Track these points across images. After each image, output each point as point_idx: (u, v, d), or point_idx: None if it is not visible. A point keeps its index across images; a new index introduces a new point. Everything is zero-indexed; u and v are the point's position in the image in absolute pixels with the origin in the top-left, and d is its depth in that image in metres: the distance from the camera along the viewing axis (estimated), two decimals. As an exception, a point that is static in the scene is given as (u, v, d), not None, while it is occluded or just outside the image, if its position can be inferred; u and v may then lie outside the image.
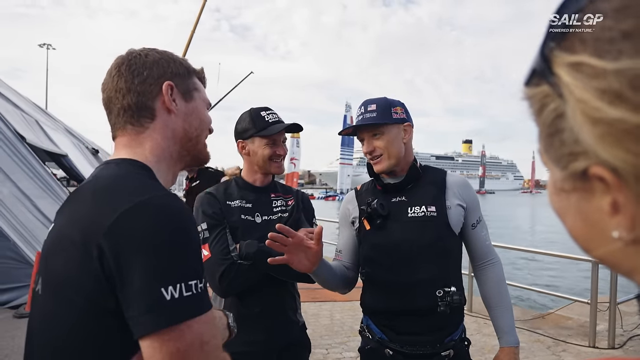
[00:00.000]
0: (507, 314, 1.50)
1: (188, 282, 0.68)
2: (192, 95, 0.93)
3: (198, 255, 0.74)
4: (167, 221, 0.71)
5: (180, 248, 0.70)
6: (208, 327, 0.70)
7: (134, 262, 0.67)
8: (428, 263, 1.44)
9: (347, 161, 54.31)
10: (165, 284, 0.66)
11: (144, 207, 0.71)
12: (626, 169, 0.30)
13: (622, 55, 0.30)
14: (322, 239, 1.34)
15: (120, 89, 0.86)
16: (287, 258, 1.31)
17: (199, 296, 0.69)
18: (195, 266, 0.71)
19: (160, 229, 0.69)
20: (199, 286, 0.70)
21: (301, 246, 1.31)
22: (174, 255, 0.69)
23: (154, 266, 0.67)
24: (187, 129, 0.91)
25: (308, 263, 1.34)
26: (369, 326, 1.55)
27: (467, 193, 1.54)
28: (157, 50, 0.91)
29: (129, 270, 0.67)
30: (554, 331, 4.63)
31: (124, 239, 0.68)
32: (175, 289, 0.67)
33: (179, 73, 0.90)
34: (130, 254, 0.67)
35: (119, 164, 0.84)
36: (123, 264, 0.67)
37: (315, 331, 4.44)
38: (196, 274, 0.70)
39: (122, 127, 0.88)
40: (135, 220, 0.69)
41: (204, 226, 1.58)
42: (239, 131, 1.71)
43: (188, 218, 0.74)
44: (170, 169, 0.91)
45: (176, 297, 0.66)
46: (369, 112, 1.50)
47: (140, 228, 0.69)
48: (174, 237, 0.70)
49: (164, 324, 0.65)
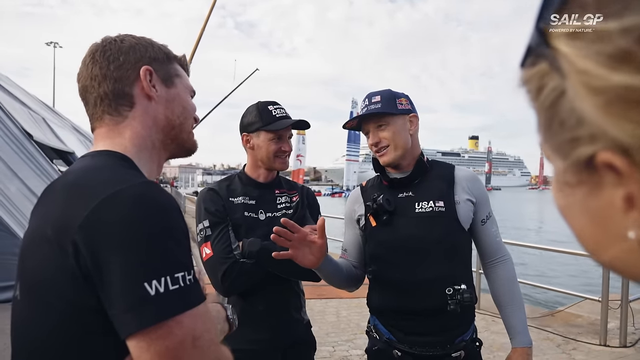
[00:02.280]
0: (520, 313, 1.46)
1: (174, 275, 0.64)
2: (173, 81, 0.88)
3: (183, 245, 0.68)
4: (145, 210, 0.66)
5: (162, 238, 0.66)
6: (200, 322, 0.66)
7: (113, 257, 0.63)
8: (437, 260, 1.40)
9: (354, 158, 54.19)
10: (149, 278, 0.62)
11: (119, 197, 0.66)
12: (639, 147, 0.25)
13: (626, 11, 0.25)
14: (325, 232, 1.31)
15: (95, 77, 0.81)
16: (291, 253, 1.28)
17: (188, 289, 0.65)
18: (180, 257, 0.67)
19: (139, 219, 0.65)
20: (187, 278, 0.65)
21: (305, 241, 1.29)
22: (156, 247, 0.65)
23: (134, 260, 0.63)
24: (169, 116, 0.86)
25: (313, 258, 1.31)
26: (376, 326, 1.51)
27: (476, 187, 1.49)
28: (134, 36, 0.87)
29: (108, 266, 0.63)
30: (564, 329, 4.57)
31: (99, 233, 0.64)
32: (160, 283, 0.62)
33: (157, 58, 0.86)
34: (107, 249, 0.63)
35: (94, 156, 0.80)
36: (101, 260, 0.63)
37: (321, 329, 4.41)
38: (182, 266, 0.66)
39: (100, 118, 0.83)
40: (111, 211, 0.65)
41: (206, 224, 1.55)
42: (245, 124, 1.67)
43: (169, 205, 0.69)
44: (153, 159, 0.86)
45: (161, 291, 0.62)
46: (373, 104, 1.47)
47: (116, 219, 0.64)
48: (154, 227, 0.66)
49: (149, 321, 0.61)
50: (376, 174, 1.59)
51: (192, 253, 0.73)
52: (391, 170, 1.54)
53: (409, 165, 1.51)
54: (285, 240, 1.26)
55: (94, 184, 0.69)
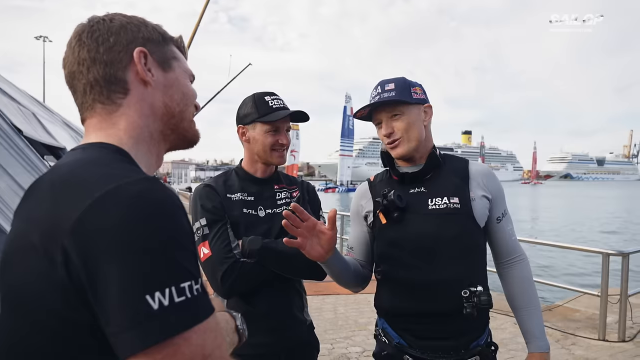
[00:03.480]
0: (537, 316, 1.39)
1: (180, 285, 0.56)
2: (171, 64, 0.79)
3: (190, 251, 0.60)
4: (146, 210, 0.57)
5: (165, 243, 0.57)
6: (211, 337, 0.58)
7: (109, 266, 0.54)
8: (452, 260, 1.32)
9: (347, 153, 54.17)
10: (151, 290, 0.54)
11: (115, 196, 0.57)
12: None
13: None
14: (335, 223, 1.24)
15: (83, 61, 0.73)
16: (299, 242, 1.21)
17: (196, 300, 0.57)
18: (187, 264, 0.58)
19: (138, 221, 0.56)
20: (195, 288, 0.57)
21: (314, 230, 1.22)
22: (158, 253, 0.56)
23: (134, 269, 0.54)
24: (168, 103, 0.77)
25: (321, 250, 1.24)
26: (385, 330, 1.43)
27: (492, 183, 1.41)
28: (124, 15, 0.78)
29: (104, 276, 0.54)
30: (562, 324, 4.56)
31: (93, 238, 0.55)
32: (164, 295, 0.54)
33: (152, 39, 0.77)
34: (103, 256, 0.54)
35: (85, 148, 0.71)
36: (95, 270, 0.54)
37: (319, 326, 4.35)
38: (189, 274, 0.58)
39: (90, 107, 0.74)
40: (106, 212, 0.56)
41: (203, 222, 1.46)
42: (240, 116, 1.59)
43: (174, 205, 0.61)
44: (152, 151, 0.77)
45: (166, 304, 0.54)
46: (386, 92, 1.38)
47: (113, 222, 0.55)
48: (156, 229, 0.57)
49: (153, 339, 0.53)
50: (384, 168, 1.51)
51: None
52: (401, 164, 1.46)
53: (422, 158, 1.43)
54: (294, 228, 1.20)
55: (87, 181, 0.60)
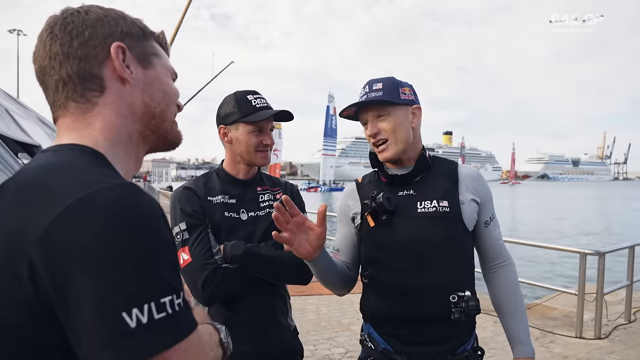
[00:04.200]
0: (522, 321, 1.39)
1: (160, 300, 0.51)
2: (152, 61, 0.74)
3: (171, 262, 0.56)
4: (123, 219, 0.53)
5: (145, 255, 0.53)
6: (192, 355, 0.54)
7: (81, 280, 0.49)
8: (441, 264, 1.30)
9: (330, 152, 54.20)
10: (128, 307, 0.49)
11: (89, 204, 0.52)
12: None
13: None
14: (325, 219, 1.21)
15: (55, 56, 0.67)
16: (289, 237, 1.17)
17: (177, 316, 0.53)
18: (168, 277, 0.54)
19: (114, 230, 0.51)
20: (176, 303, 0.53)
21: (303, 227, 1.19)
22: (136, 265, 0.52)
23: (109, 283, 0.50)
24: (148, 102, 0.72)
25: (309, 247, 1.20)
26: (371, 335, 1.40)
27: (480, 186, 1.40)
28: (101, 6, 0.73)
29: (75, 292, 0.49)
30: (541, 322, 4.65)
31: (63, 250, 0.50)
32: (143, 312, 0.50)
33: (131, 33, 0.72)
34: (74, 270, 0.50)
35: (57, 150, 0.65)
36: (65, 285, 0.50)
37: (301, 327, 4.30)
38: (171, 288, 0.53)
39: (63, 106, 0.69)
40: (78, 221, 0.51)
41: (182, 226, 1.40)
42: (222, 116, 1.53)
43: (153, 213, 0.56)
44: (130, 153, 0.72)
45: (144, 322, 0.50)
46: (374, 91, 1.35)
47: (85, 232, 0.51)
48: (134, 240, 0.52)
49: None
50: (373, 169, 1.48)
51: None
52: (390, 166, 1.43)
53: (410, 160, 1.40)
54: (283, 222, 1.16)
55: (57, 187, 0.55)
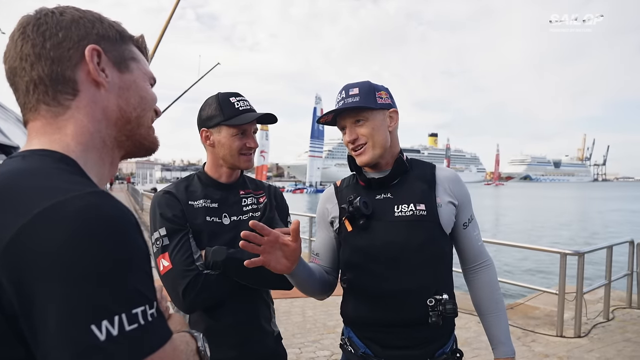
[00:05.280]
0: (502, 322, 1.40)
1: (131, 311, 0.50)
2: (128, 65, 0.73)
3: (144, 272, 0.55)
4: (93, 228, 0.51)
5: (116, 265, 0.51)
6: None
7: (48, 292, 0.47)
8: (418, 268, 1.30)
9: (317, 154, 54.23)
10: (97, 318, 0.48)
11: (58, 212, 0.50)
12: None
13: None
14: (299, 234, 1.19)
15: (26, 57, 0.65)
16: (263, 259, 1.15)
17: (150, 327, 0.52)
18: (140, 287, 0.53)
19: (83, 239, 0.50)
20: (149, 313, 0.52)
21: (277, 244, 1.16)
22: (107, 276, 0.50)
23: (77, 294, 0.48)
24: (124, 107, 0.70)
25: (286, 262, 1.18)
26: (350, 339, 1.40)
27: (458, 189, 1.41)
28: (77, 8, 0.71)
29: (42, 303, 0.47)
30: (523, 321, 4.72)
31: (29, 259, 0.48)
32: (113, 324, 0.48)
33: (107, 36, 0.70)
34: (39, 281, 0.48)
35: (25, 157, 0.63)
36: (30, 296, 0.48)
37: (287, 329, 4.32)
38: (143, 298, 0.52)
39: (33, 108, 0.67)
40: (46, 231, 0.49)
41: (162, 232, 1.36)
42: (204, 118, 1.50)
43: (126, 222, 0.55)
44: (104, 160, 0.70)
45: (115, 334, 0.48)
46: (350, 97, 1.34)
47: (52, 241, 0.49)
48: (105, 250, 0.51)
49: None
50: (351, 172, 1.48)
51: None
52: (368, 170, 1.43)
53: (388, 164, 1.41)
54: (255, 246, 1.13)
55: (25, 194, 0.53)
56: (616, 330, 4.49)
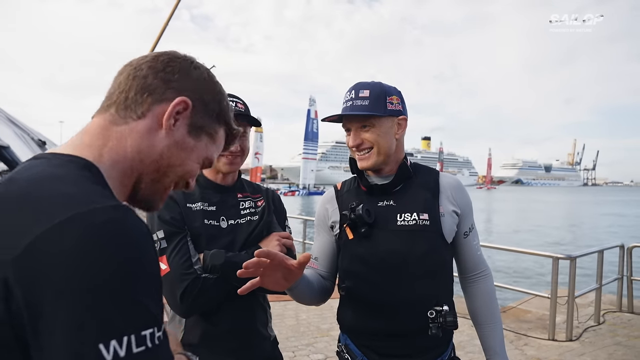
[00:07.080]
0: (498, 333, 1.39)
1: (140, 333, 0.49)
2: (200, 135, 0.75)
3: (155, 291, 0.54)
4: (110, 244, 0.50)
5: (131, 284, 0.50)
6: None
7: (58, 305, 0.46)
8: (419, 279, 1.28)
9: (311, 156, 54.15)
10: (106, 337, 0.47)
11: (77, 224, 0.50)
12: None
13: None
14: (305, 265, 1.14)
15: (139, 68, 0.71)
16: (259, 281, 1.09)
17: (156, 350, 0.51)
18: (152, 308, 0.52)
19: (101, 255, 0.49)
20: (157, 336, 0.51)
21: (280, 266, 1.12)
22: (121, 295, 0.49)
23: (88, 310, 0.47)
24: (165, 157, 0.72)
25: (285, 283, 1.16)
26: (347, 346, 1.38)
27: (461, 197, 1.38)
28: (211, 73, 0.77)
29: (50, 317, 0.46)
30: (515, 325, 4.75)
31: (41, 270, 0.47)
32: (121, 344, 0.47)
33: (206, 104, 0.75)
34: (51, 294, 0.46)
35: (50, 159, 0.62)
36: (40, 309, 0.47)
37: (280, 333, 4.30)
38: (152, 320, 0.51)
39: (105, 108, 0.71)
40: (62, 242, 0.48)
41: (160, 235, 1.35)
42: None
43: (145, 239, 0.55)
44: (122, 182, 0.70)
45: (122, 355, 0.47)
46: (359, 99, 1.30)
47: (68, 256, 0.48)
48: (121, 267, 0.50)
49: None
50: (353, 175, 1.45)
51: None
52: (371, 174, 1.40)
53: (392, 170, 1.37)
54: (258, 271, 1.07)
55: (47, 201, 0.52)
56: (607, 334, 4.53)
